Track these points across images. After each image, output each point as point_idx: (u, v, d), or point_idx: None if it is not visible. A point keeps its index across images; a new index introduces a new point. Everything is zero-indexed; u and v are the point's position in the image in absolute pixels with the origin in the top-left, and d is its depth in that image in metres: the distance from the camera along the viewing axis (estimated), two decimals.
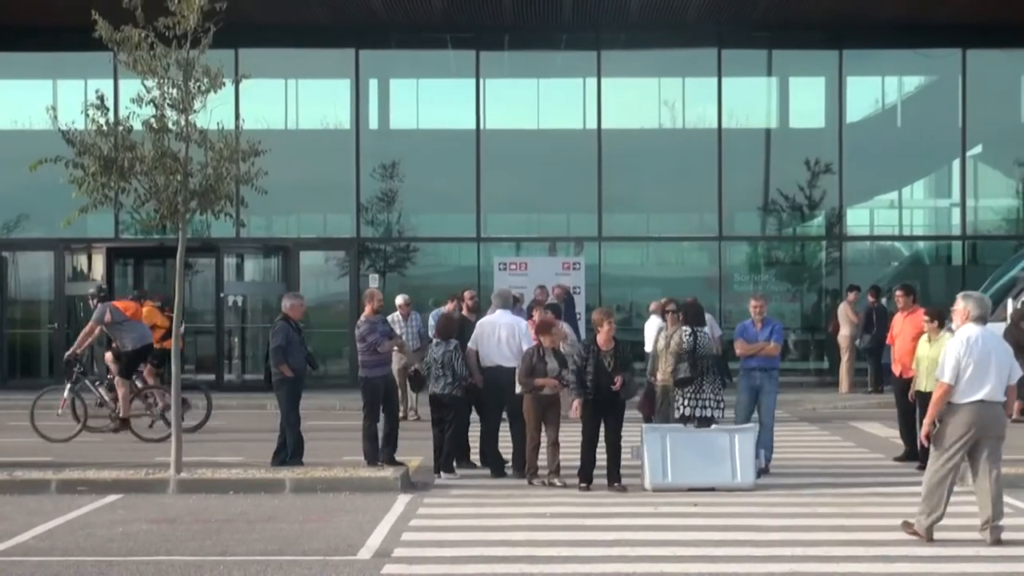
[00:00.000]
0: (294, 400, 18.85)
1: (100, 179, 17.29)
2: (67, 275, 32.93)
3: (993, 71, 34.22)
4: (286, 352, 18.71)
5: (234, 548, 13.42)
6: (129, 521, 14.96)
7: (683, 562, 12.56)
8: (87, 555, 13.13)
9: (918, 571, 12.25)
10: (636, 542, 13.54)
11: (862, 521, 14.89)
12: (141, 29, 17.01)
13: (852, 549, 13.26)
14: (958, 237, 34.97)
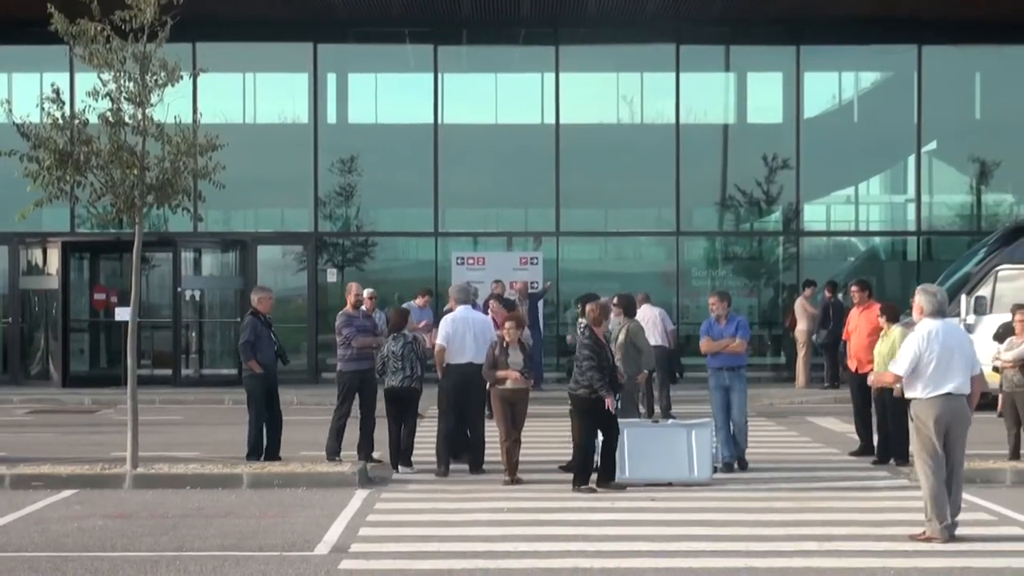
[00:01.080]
0: (262, 396, 18.78)
1: (55, 173, 17.23)
2: (22, 269, 32.77)
3: (948, 67, 34.38)
4: (255, 347, 18.66)
5: (191, 543, 13.39)
6: (84, 516, 14.92)
7: (639, 557, 12.59)
8: (41, 550, 13.09)
9: (870, 565, 12.30)
10: (593, 537, 13.57)
11: (817, 516, 14.94)
12: (97, 22, 16.94)
13: (806, 544, 13.31)
14: (913, 233, 35.13)
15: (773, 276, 35.04)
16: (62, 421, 25.45)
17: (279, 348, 19.37)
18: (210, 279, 34.11)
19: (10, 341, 32.97)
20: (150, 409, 24.26)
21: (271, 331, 19.10)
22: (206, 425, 24.62)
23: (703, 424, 17.70)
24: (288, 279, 32.43)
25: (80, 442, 21.10)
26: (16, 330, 32.87)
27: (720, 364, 18.20)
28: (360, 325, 19.31)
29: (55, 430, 23.60)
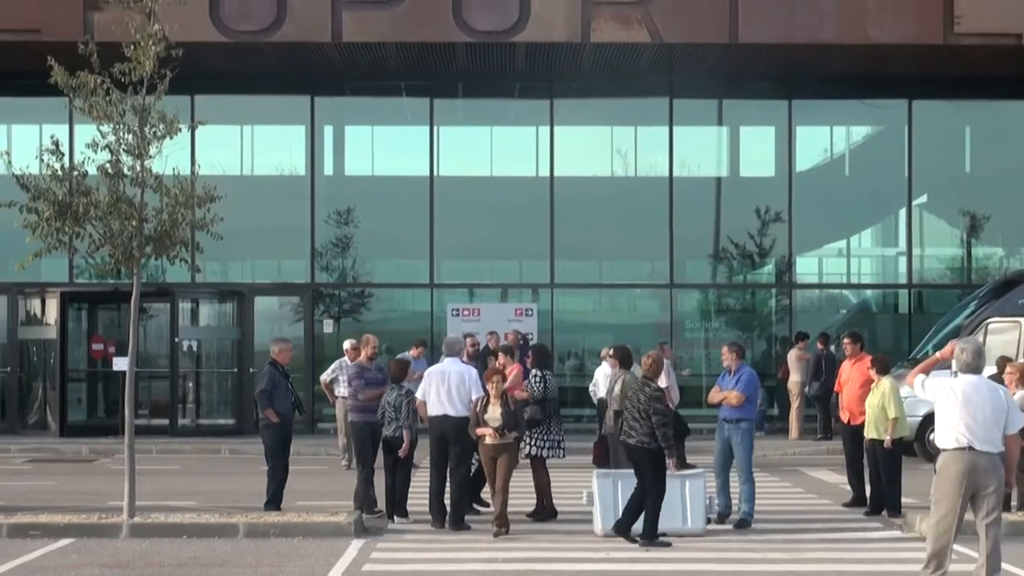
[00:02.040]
0: (279, 445, 18.71)
1: (55, 224, 17.25)
2: (20, 319, 32.76)
3: (938, 122, 34.51)
4: (271, 396, 18.58)
5: None
6: (82, 565, 14.88)
7: None
8: None
9: None
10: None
11: (811, 567, 14.92)
12: (97, 75, 17.01)
13: None
14: (904, 285, 35.18)
15: (766, 328, 35.03)
16: (60, 470, 25.38)
17: (296, 399, 19.35)
18: (207, 329, 34.11)
19: (8, 391, 32.92)
20: (147, 459, 24.20)
21: (288, 381, 19.06)
22: (203, 475, 24.58)
23: (696, 475, 17.69)
24: (285, 330, 32.29)
25: (78, 491, 21.02)
26: (14, 380, 32.83)
27: (722, 415, 18.02)
28: (371, 377, 19.33)
29: (53, 479, 23.52)
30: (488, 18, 29.54)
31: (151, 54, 17.01)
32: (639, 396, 16.52)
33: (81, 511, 17.94)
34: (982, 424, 12.93)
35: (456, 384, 17.87)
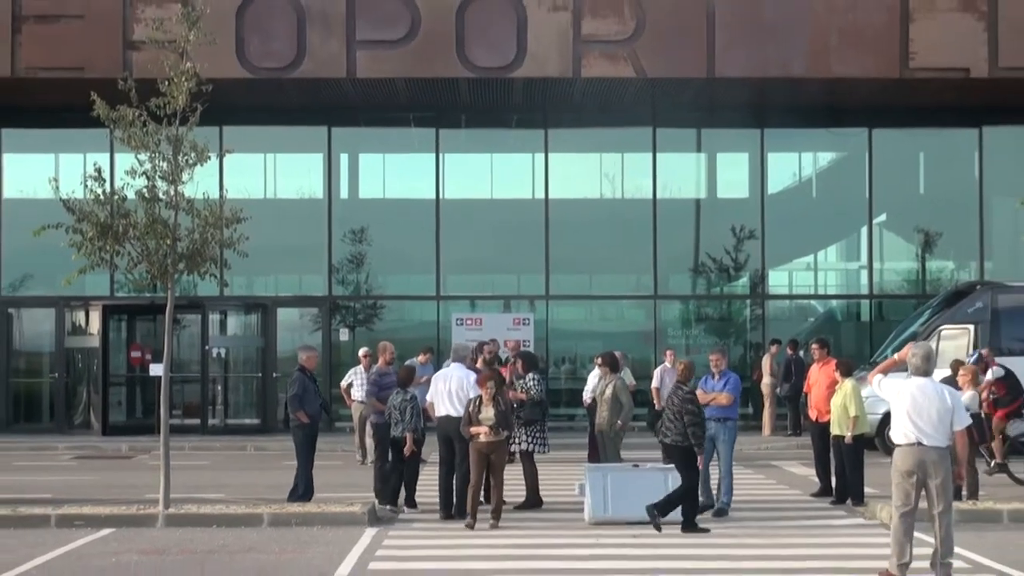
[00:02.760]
0: (308, 444, 18.69)
1: (97, 243, 17.32)
2: (67, 330, 32.81)
3: (896, 148, 34.51)
4: (302, 400, 18.57)
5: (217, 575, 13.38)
6: (122, 552, 14.89)
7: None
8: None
9: None
10: (580, 571, 13.57)
11: (783, 552, 14.92)
12: (135, 108, 17.07)
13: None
14: (866, 296, 35.18)
15: (741, 335, 35.02)
16: (102, 466, 25.38)
17: (323, 401, 19.37)
18: (234, 338, 34.10)
19: (56, 394, 32.95)
20: (180, 455, 24.19)
21: (316, 385, 19.06)
22: (231, 470, 24.56)
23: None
24: (304, 338, 32.28)
25: (118, 485, 21.05)
26: (61, 384, 32.85)
27: (709, 415, 17.77)
28: (389, 381, 19.36)
29: (96, 474, 23.54)
30: (488, 56, 29.58)
31: (184, 89, 17.08)
32: (674, 399, 16.49)
33: (121, 503, 17.96)
34: (929, 422, 12.99)
35: (456, 388, 17.87)
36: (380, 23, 29.48)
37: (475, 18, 29.52)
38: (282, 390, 31.68)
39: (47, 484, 21.32)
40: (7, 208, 32.78)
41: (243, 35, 29.08)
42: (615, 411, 19.56)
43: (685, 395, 16.57)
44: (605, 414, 19.62)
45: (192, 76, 17.17)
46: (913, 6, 29.51)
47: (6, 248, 32.80)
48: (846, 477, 18.74)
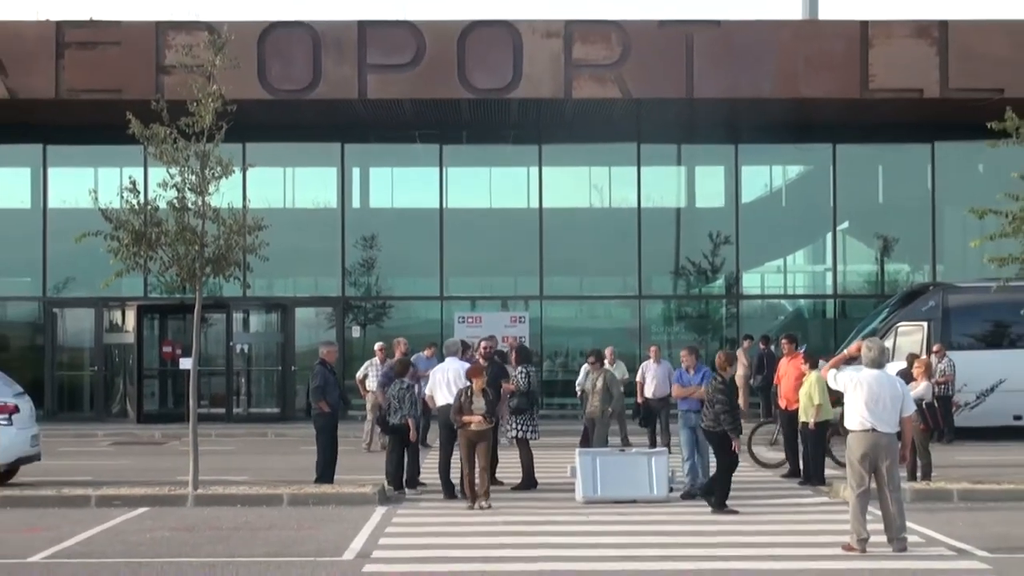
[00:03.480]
0: (330, 431, 18.68)
1: (132, 249, 17.36)
2: (105, 328, 32.87)
3: (857, 162, 34.56)
4: (324, 391, 18.58)
5: (241, 551, 13.41)
6: (155, 529, 14.94)
7: (608, 561, 12.63)
8: (121, 557, 13.11)
9: (799, 568, 12.33)
10: (571, 545, 13.61)
11: (755, 527, 14.96)
12: (166, 127, 17.12)
13: (746, 550, 13.34)
14: (831, 296, 35.23)
15: (717, 331, 35.04)
16: (137, 451, 25.43)
17: (342, 392, 19.37)
18: (256, 335, 34.13)
19: (95, 386, 32.98)
20: (208, 441, 24.20)
21: (335, 377, 19.07)
22: (253, 454, 24.59)
23: (661, 452, 17.75)
24: (320, 335, 32.30)
25: (151, 468, 21.09)
26: (100, 377, 32.89)
27: (688, 407, 17.71)
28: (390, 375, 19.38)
29: (131, 458, 23.58)
30: (487, 78, 29.63)
31: (210, 110, 17.11)
32: (709, 388, 16.39)
33: (154, 484, 18.00)
34: (882, 410, 13.10)
35: (453, 378, 17.87)
36: (389, 49, 29.55)
37: (475, 44, 29.59)
38: (300, 382, 31.87)
39: (88, 468, 21.38)
40: (52, 217, 32.81)
41: (264, 60, 29.14)
42: (605, 400, 19.66)
43: (717, 385, 16.32)
44: (596, 403, 19.69)
45: (218, 97, 17.21)
46: (872, 33, 29.64)
47: (51, 253, 32.83)
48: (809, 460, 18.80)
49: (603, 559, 12.73)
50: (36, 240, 32.94)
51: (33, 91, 29.36)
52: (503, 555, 13.00)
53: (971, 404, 26.44)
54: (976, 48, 29.45)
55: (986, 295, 24.37)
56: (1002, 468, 19.98)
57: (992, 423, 26.46)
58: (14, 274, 34.47)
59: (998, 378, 26.56)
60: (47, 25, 29.76)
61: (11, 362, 27.29)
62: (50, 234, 32.75)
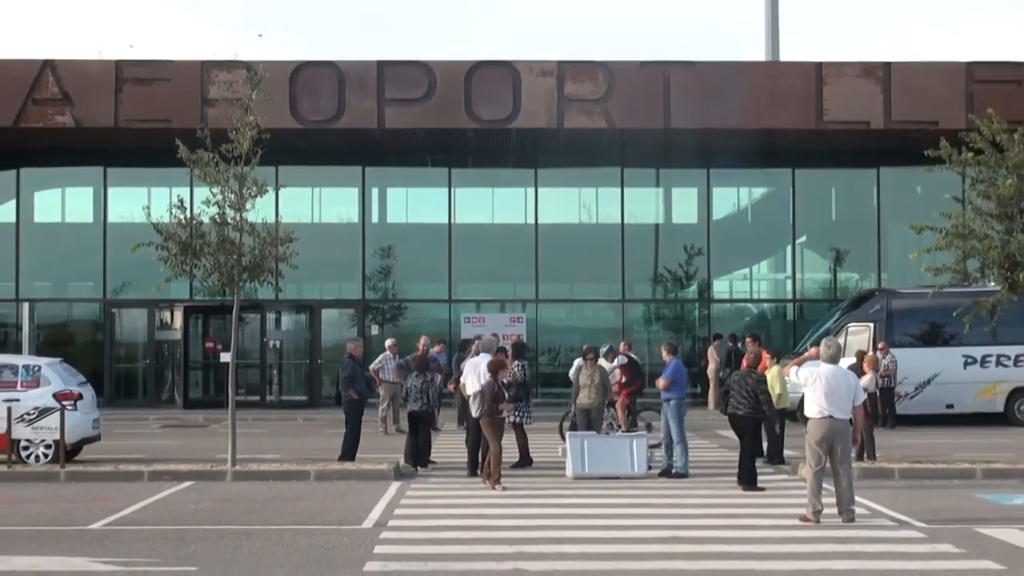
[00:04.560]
0: (356, 415, 18.75)
1: (180, 258, 17.45)
2: (156, 326, 32.95)
3: (813, 184, 34.58)
4: (352, 381, 18.72)
5: (273, 519, 13.48)
6: (199, 501, 15.01)
7: (595, 530, 12.69)
8: (169, 525, 13.18)
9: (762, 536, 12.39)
10: (564, 515, 13.69)
11: (724, 500, 15.04)
12: (209, 152, 17.19)
13: (715, 519, 13.42)
14: (790, 300, 35.25)
15: (691, 331, 35.04)
16: (183, 433, 25.47)
17: (368, 381, 19.51)
18: (286, 333, 34.15)
19: (148, 376, 33.06)
20: (244, 424, 24.17)
21: (361, 369, 19.18)
22: (284, 436, 24.63)
23: (640, 435, 17.84)
24: (343, 333, 32.34)
25: (196, 448, 21.14)
26: (152, 369, 32.97)
27: (667, 396, 17.79)
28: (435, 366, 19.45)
29: (178, 439, 23.63)
30: (490, 111, 29.72)
31: (248, 137, 17.19)
32: (747, 381, 16.26)
33: (198, 462, 18.07)
34: (838, 399, 13.18)
35: (483, 372, 17.63)
36: (404, 85, 29.64)
37: (480, 81, 29.69)
38: (325, 373, 31.98)
39: (141, 447, 21.44)
40: (111, 230, 32.86)
41: (295, 94, 29.22)
42: (601, 394, 19.47)
43: (758, 379, 16.42)
44: (594, 396, 19.36)
45: (254, 127, 17.28)
46: (825, 73, 29.79)
47: (110, 261, 32.87)
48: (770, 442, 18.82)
49: (590, 528, 12.79)
50: (97, 250, 32.99)
51: (95, 121, 29.44)
52: (504, 524, 13.07)
53: (910, 395, 26.50)
54: (915, 86, 29.58)
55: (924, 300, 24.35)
56: (937, 450, 20.05)
57: (928, 411, 26.54)
58: (79, 279, 34.58)
59: (933, 372, 26.64)
60: (108, 64, 29.87)
61: (76, 355, 27.31)
62: (109, 245, 32.79)
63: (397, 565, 10.73)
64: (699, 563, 10.77)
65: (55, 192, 35.01)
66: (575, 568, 10.58)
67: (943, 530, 12.61)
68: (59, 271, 34.81)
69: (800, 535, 12.39)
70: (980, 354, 26.47)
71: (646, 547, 11.62)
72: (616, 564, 10.76)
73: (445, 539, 12.12)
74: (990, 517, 13.49)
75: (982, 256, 17.60)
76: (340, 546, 11.74)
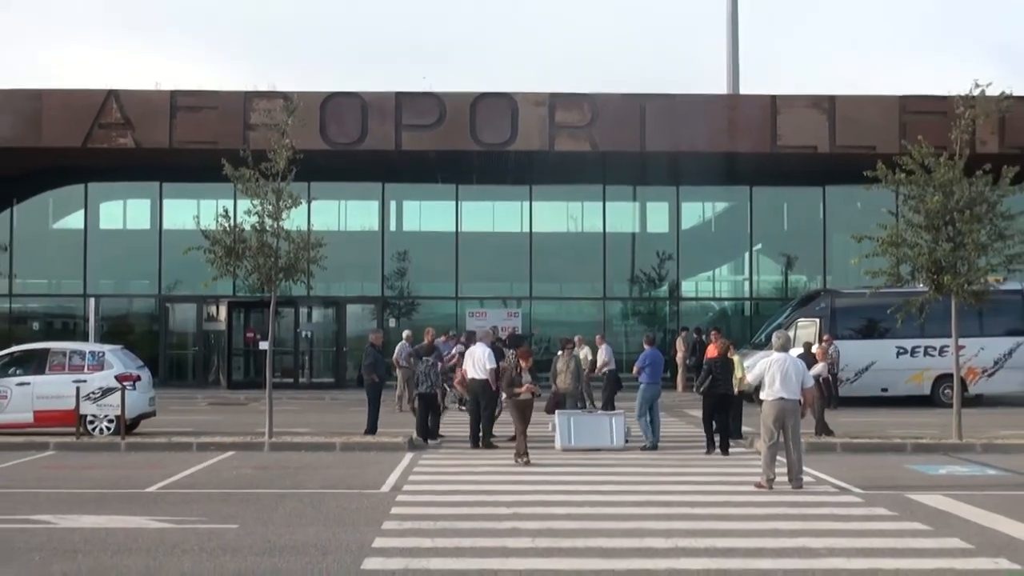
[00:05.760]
0: (376, 396, 18.76)
1: (224, 260, 17.46)
2: (204, 318, 32.90)
3: (768, 199, 34.61)
4: (374, 367, 18.77)
5: (305, 484, 13.47)
6: (240, 467, 15.02)
7: (581, 494, 12.69)
8: (215, 488, 13.20)
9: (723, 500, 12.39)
10: (553, 481, 13.68)
11: (691, 469, 15.04)
12: (251, 170, 17.19)
13: (682, 485, 13.41)
14: (748, 299, 35.31)
15: (662, 325, 35.03)
16: (227, 410, 25.44)
17: (386, 367, 19.53)
18: (316, 324, 34.12)
19: (196, 361, 33.09)
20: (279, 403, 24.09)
21: (381, 356, 19.22)
22: (314, 413, 24.58)
23: (619, 413, 17.83)
24: (365, 325, 32.31)
25: (238, 423, 21.13)
26: (199, 355, 32.99)
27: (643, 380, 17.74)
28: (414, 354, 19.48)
29: (222, 415, 23.60)
30: (491, 135, 29.74)
31: (283, 157, 17.21)
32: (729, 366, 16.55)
33: (239, 434, 18.08)
34: (789, 383, 13.20)
35: (478, 359, 17.81)
36: (418, 113, 29.65)
37: (483, 110, 29.71)
38: (349, 359, 31.97)
39: (190, 422, 21.44)
40: (165, 236, 32.86)
41: (325, 120, 29.22)
42: (575, 378, 19.49)
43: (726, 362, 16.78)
44: (568, 381, 19.41)
45: (289, 148, 17.29)
46: (779, 104, 29.85)
47: (164, 263, 32.90)
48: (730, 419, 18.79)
49: (577, 492, 12.79)
50: (153, 253, 33.00)
51: (153, 143, 29.45)
52: (502, 488, 13.06)
53: (851, 380, 26.50)
54: (855, 116, 29.60)
55: (863, 299, 24.47)
56: (873, 427, 20.08)
57: (866, 394, 26.56)
58: (137, 278, 34.56)
59: (871, 360, 26.65)
60: (164, 94, 29.84)
61: (135, 343, 27.28)
62: (164, 249, 32.80)
63: (411, 524, 10.73)
64: (668, 523, 10.78)
65: (117, 203, 35.01)
66: (563, 527, 10.59)
67: (878, 495, 12.61)
68: (120, 271, 34.79)
69: (755, 499, 12.39)
70: (910, 345, 26.48)
71: (623, 509, 11.63)
72: (597, 524, 10.77)
73: (452, 501, 12.12)
74: (918, 485, 13.50)
75: (912, 262, 17.62)
76: (362, 507, 11.74)
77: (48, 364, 18.63)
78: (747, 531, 10.45)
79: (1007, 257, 17.52)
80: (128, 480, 13.78)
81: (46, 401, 18.17)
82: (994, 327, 26.30)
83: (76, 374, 18.38)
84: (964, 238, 17.26)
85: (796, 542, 9.84)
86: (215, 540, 9.92)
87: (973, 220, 17.21)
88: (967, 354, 24.69)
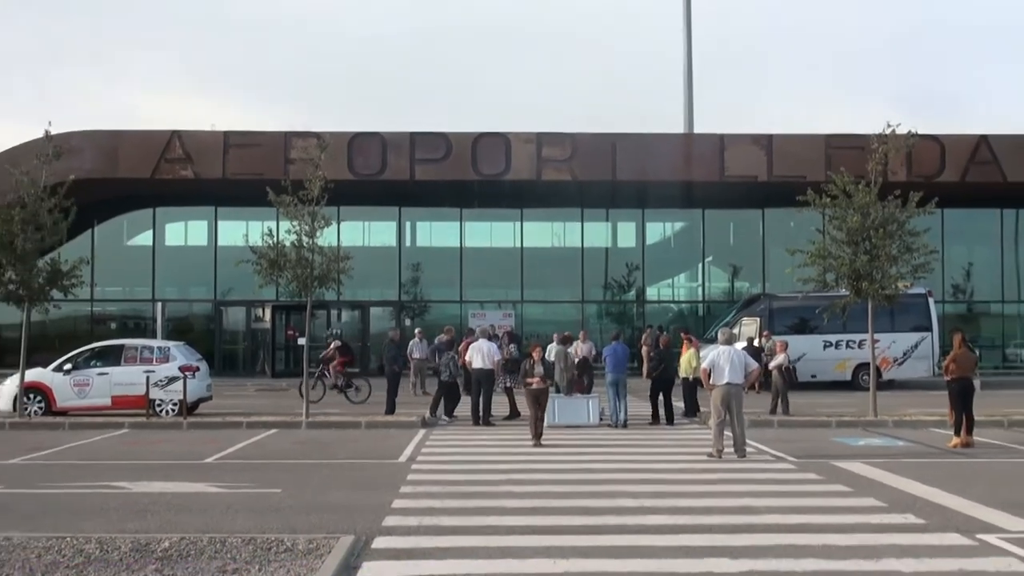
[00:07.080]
0: (395, 383, 18.74)
1: (268, 271, 17.45)
2: (252, 319, 32.91)
3: (719, 220, 34.72)
4: (394, 359, 18.85)
5: (335, 455, 13.47)
6: (282, 442, 14.99)
7: (562, 462, 12.69)
8: (261, 459, 13.18)
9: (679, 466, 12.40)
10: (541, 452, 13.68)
11: (659, 441, 15.03)
12: (290, 196, 17.19)
13: (644, 453, 13.42)
14: (701, 301, 35.36)
15: (631, 323, 34.98)
16: (271, 395, 25.33)
17: (404, 359, 19.54)
18: (345, 324, 34.03)
19: (246, 355, 33.04)
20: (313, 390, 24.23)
21: (399, 350, 19.27)
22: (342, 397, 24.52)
23: (594, 397, 17.81)
24: (385, 324, 32.27)
25: (280, 406, 21.07)
26: (248, 349, 32.94)
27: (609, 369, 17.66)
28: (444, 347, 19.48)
29: (268, 400, 23.54)
30: (490, 167, 29.81)
31: (317, 186, 17.20)
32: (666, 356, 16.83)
33: (281, 415, 18.03)
34: (733, 371, 13.25)
35: (483, 352, 17.71)
36: (429, 149, 29.71)
37: (483, 147, 29.79)
38: (372, 353, 31.91)
39: (241, 405, 21.37)
40: (220, 251, 32.85)
41: (352, 156, 29.27)
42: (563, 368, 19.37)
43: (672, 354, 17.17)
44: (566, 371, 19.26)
45: (322, 179, 17.29)
46: (726, 142, 29.99)
47: (219, 273, 32.87)
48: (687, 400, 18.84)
49: (561, 461, 12.80)
50: (210, 265, 32.98)
51: (209, 174, 29.48)
52: (499, 458, 13.07)
53: None
54: (789, 151, 29.70)
55: (796, 301, 24.56)
56: (804, 407, 20.06)
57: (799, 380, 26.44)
58: (196, 286, 34.51)
59: (802, 352, 26.58)
60: (218, 134, 29.84)
61: (195, 340, 27.26)
62: (219, 262, 32.78)
63: (424, 488, 10.74)
64: (636, 487, 10.80)
65: (180, 224, 34.94)
66: (549, 489, 10.61)
67: (809, 463, 12.64)
68: (182, 280, 34.76)
69: (707, 466, 12.42)
70: (835, 340, 26.52)
71: (598, 475, 11.65)
72: (577, 487, 10.79)
73: (457, 469, 12.13)
74: (841, 454, 13.53)
75: (836, 271, 17.68)
76: (383, 475, 11.73)
77: (123, 357, 18.59)
78: (700, 492, 10.47)
79: (914, 267, 17.59)
80: (189, 453, 13.77)
81: (122, 388, 18.16)
82: (903, 324, 26.39)
83: (146, 365, 18.36)
84: (879, 251, 17.34)
85: (741, 502, 9.87)
86: (262, 502, 9.92)
87: (886, 236, 17.29)
88: (881, 347, 24.81)
